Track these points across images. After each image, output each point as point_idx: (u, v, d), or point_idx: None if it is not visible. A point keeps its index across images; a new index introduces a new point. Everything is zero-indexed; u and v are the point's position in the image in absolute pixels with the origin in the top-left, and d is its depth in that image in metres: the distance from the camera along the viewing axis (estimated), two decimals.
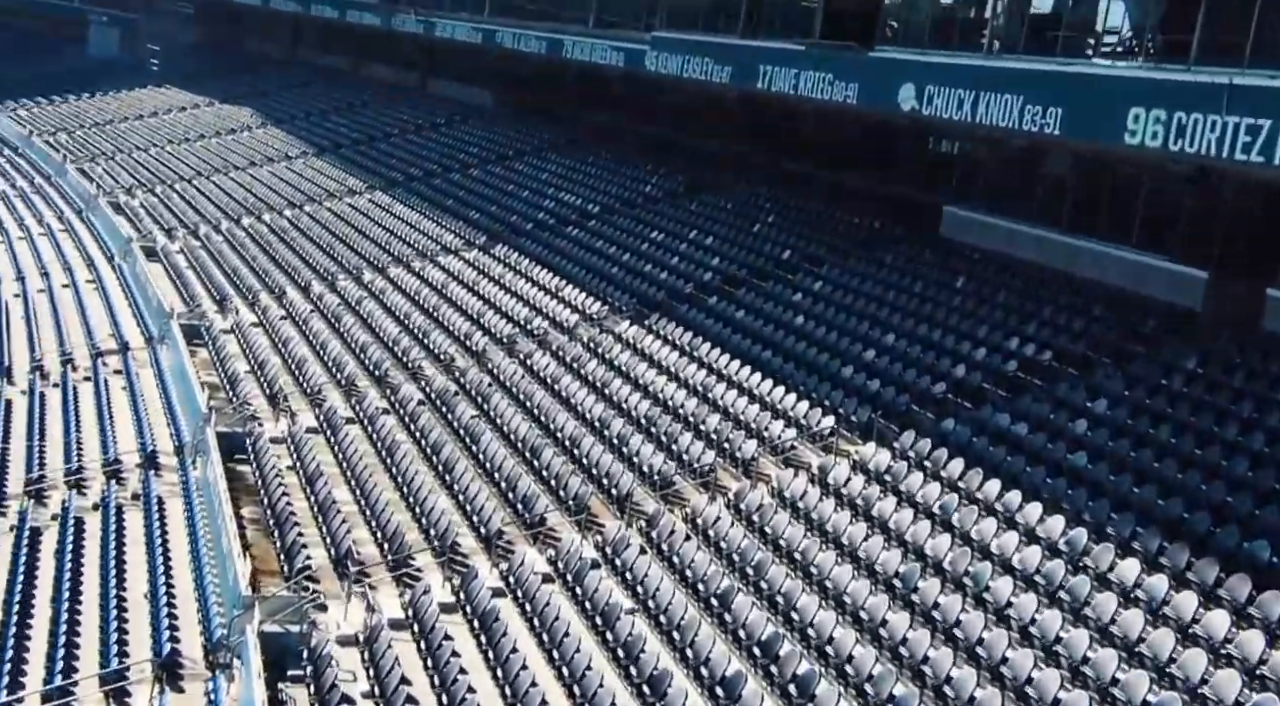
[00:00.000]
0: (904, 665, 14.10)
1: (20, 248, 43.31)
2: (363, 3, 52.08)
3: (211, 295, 34.31)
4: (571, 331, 27.18)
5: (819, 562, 16.43)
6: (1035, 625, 14.12)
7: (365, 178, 44.14)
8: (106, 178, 49.83)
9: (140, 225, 42.44)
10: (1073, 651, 13.53)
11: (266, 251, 37.82)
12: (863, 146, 30.88)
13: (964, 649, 14.10)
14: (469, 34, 43.46)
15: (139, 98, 65.39)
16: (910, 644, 14.23)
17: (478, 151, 44.47)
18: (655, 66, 30.99)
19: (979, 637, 14.09)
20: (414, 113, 51.98)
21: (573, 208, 36.01)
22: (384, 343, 28.61)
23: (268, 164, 49.06)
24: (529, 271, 31.38)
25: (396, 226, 37.84)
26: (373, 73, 58.92)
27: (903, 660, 14.15)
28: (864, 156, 31.03)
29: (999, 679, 13.49)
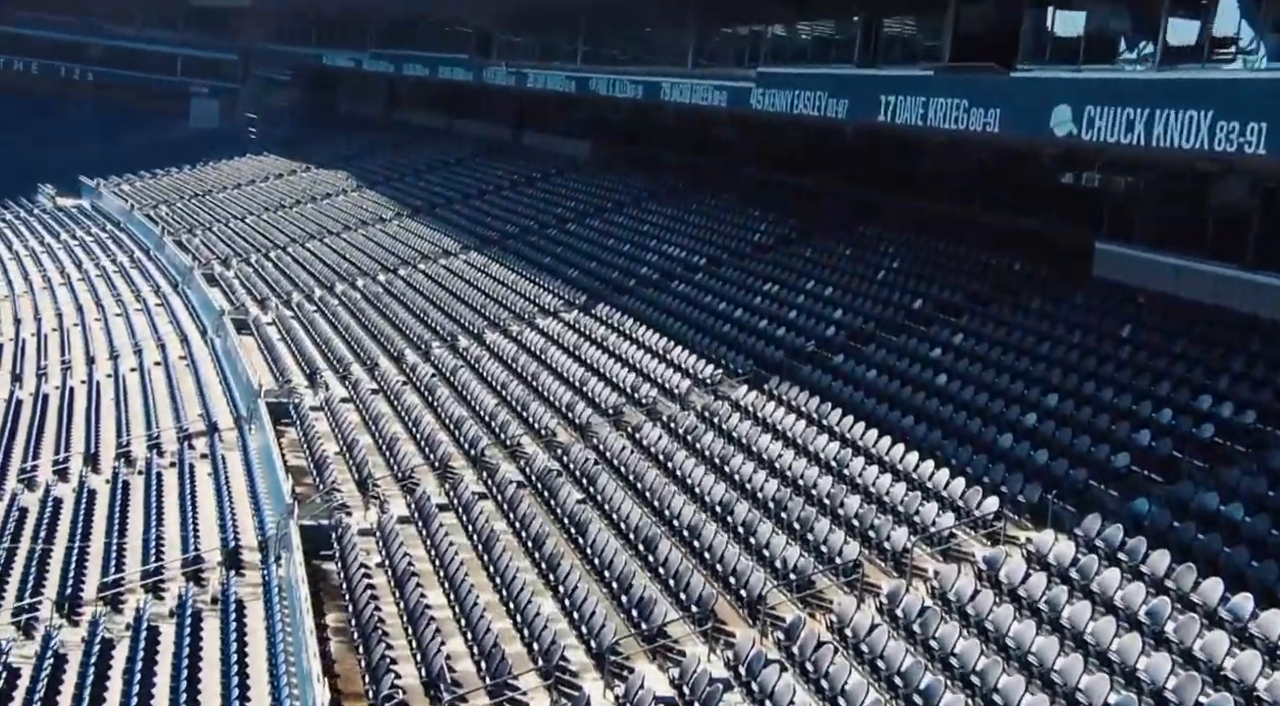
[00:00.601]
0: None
1: (116, 324, 42.02)
2: (453, 58, 50.38)
3: (302, 369, 32.24)
4: (683, 399, 24.37)
5: (1002, 686, 13.28)
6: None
7: (460, 237, 42.06)
8: (203, 249, 48.59)
9: (234, 296, 40.83)
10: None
11: (359, 319, 35.76)
12: (992, 180, 27.78)
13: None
14: (562, 83, 41.27)
15: (237, 167, 64.71)
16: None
17: (574, 205, 42.15)
18: (762, 104, 28.28)
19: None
20: (508, 168, 50.03)
21: (677, 261, 33.32)
22: (480, 417, 26.09)
23: (362, 227, 47.36)
24: (633, 332, 28.70)
25: (492, 288, 35.54)
26: (466, 129, 57.30)
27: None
28: (994, 191, 27.90)
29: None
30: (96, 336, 40.97)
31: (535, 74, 43.38)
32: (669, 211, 38.32)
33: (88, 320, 43.11)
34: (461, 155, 54.38)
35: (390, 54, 57.22)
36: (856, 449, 20.05)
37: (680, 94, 32.83)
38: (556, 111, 49.78)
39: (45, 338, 41.92)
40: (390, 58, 57.10)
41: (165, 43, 78.82)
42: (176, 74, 78.90)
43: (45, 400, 35.03)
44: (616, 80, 37.12)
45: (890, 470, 19.01)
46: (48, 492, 27.70)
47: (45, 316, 44.68)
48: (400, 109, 64.31)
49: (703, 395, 24.39)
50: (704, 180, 39.71)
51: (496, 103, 53.77)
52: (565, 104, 47.38)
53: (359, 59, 60.38)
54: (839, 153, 32.11)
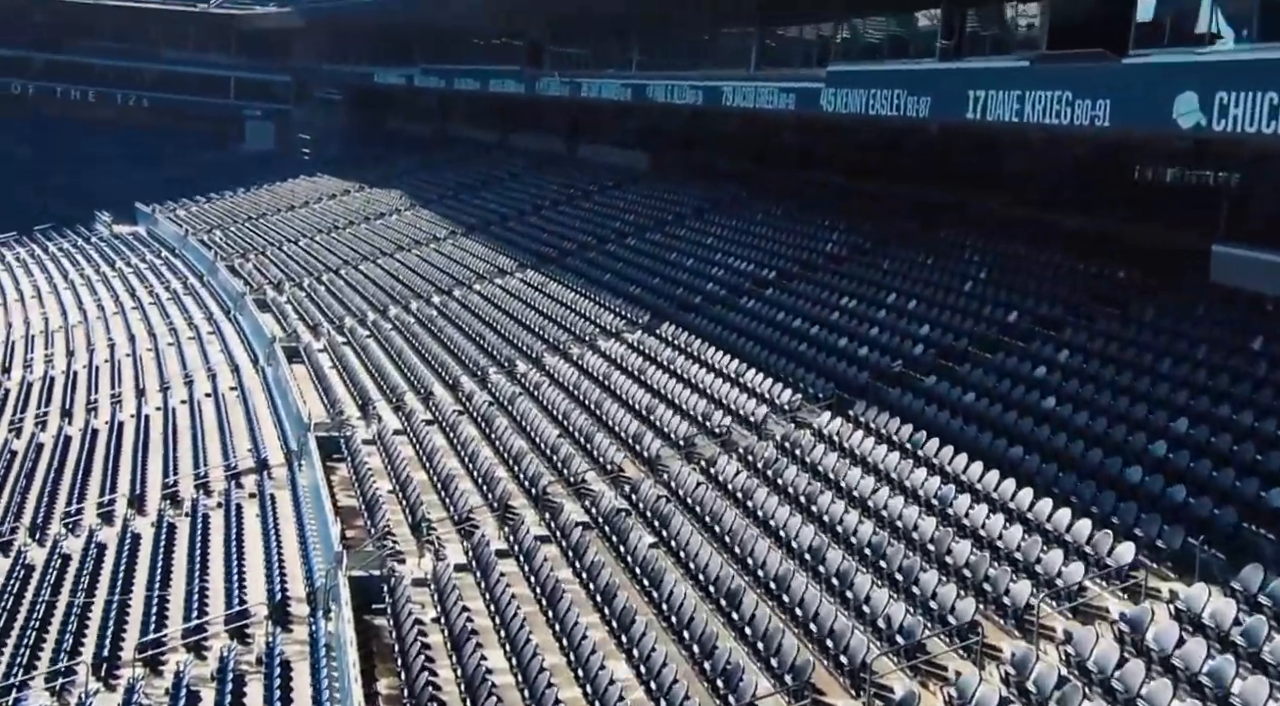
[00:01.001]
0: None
1: (168, 354, 40.67)
2: (505, 71, 48.69)
3: (354, 399, 30.49)
4: (760, 427, 22.25)
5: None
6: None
7: (516, 255, 40.25)
8: (255, 274, 47.23)
9: (285, 323, 39.29)
10: None
11: (413, 344, 34.00)
12: (1085, 180, 25.44)
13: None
14: (617, 91, 39.34)
15: (291, 189, 63.53)
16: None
17: (634, 218, 40.19)
18: (833, 106, 26.12)
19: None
20: (563, 181, 48.22)
21: (745, 275, 31.20)
22: (541, 450, 24.14)
23: (415, 247, 45.74)
24: (702, 354, 26.62)
25: (551, 308, 33.63)
26: (520, 143, 55.66)
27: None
28: (1088, 192, 25.56)
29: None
30: (147, 367, 39.63)
31: (589, 83, 41.50)
32: (733, 223, 36.23)
33: (139, 350, 41.83)
34: (515, 169, 52.69)
35: (440, 69, 55.70)
36: (960, 484, 17.83)
37: (743, 98, 30.75)
38: (611, 121, 47.94)
39: (96, 370, 40.68)
40: (440, 72, 55.58)
41: (218, 66, 78.06)
42: (230, 97, 78.07)
43: (94, 436, 33.65)
44: (674, 86, 35.12)
45: (1002, 509, 16.78)
46: (91, 538, 26.16)
47: (98, 347, 43.51)
48: (452, 125, 62.83)
49: (781, 423, 22.27)
50: (768, 188, 37.61)
51: (549, 114, 52.05)
52: (620, 113, 45.54)
53: (409, 75, 58.95)
54: (913, 155, 29.92)
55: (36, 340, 46.07)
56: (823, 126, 32.09)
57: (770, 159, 38.53)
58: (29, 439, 34.80)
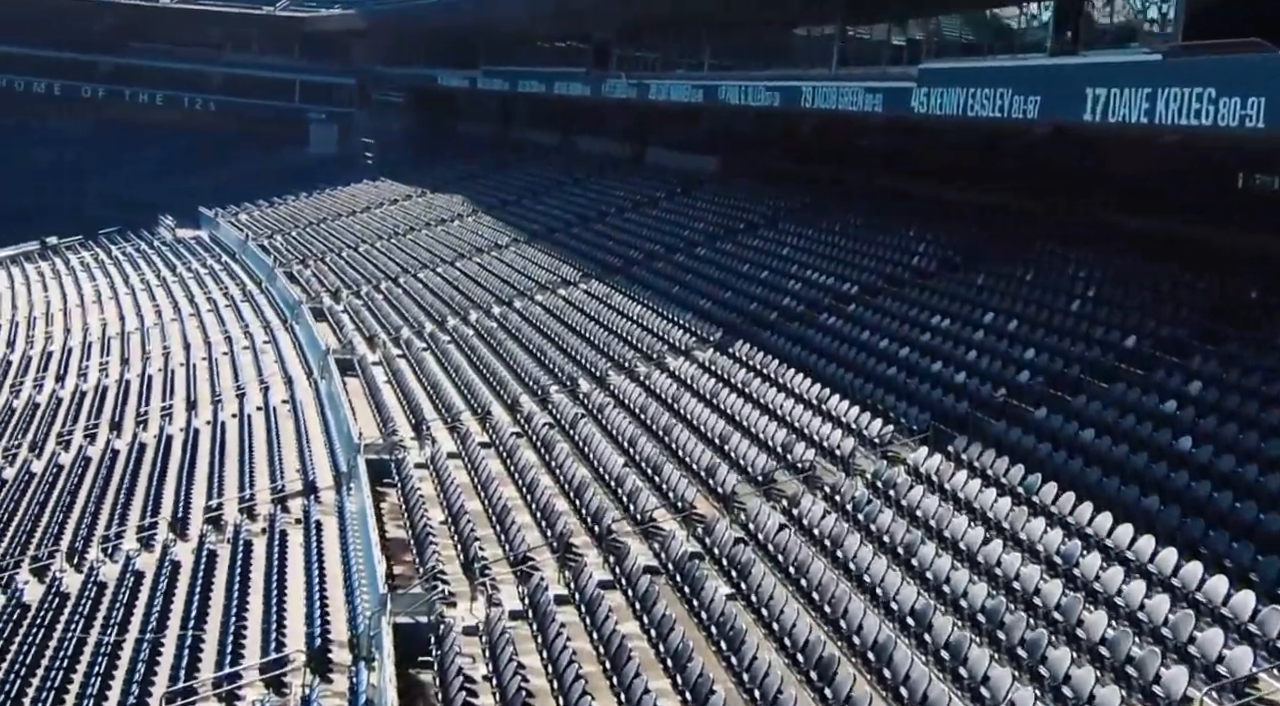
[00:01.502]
0: None
1: (222, 364, 39.17)
2: (569, 72, 46.75)
3: (408, 417, 28.59)
4: (847, 463, 19.95)
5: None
6: None
7: (579, 264, 38.22)
8: (313, 281, 45.67)
9: (341, 333, 37.56)
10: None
11: (471, 359, 32.06)
12: (1194, 188, 22.87)
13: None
14: (687, 93, 37.20)
15: (352, 193, 62.12)
16: None
17: (703, 226, 38.00)
18: (926, 107, 23.77)
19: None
20: (629, 187, 46.16)
21: (825, 289, 28.88)
22: (605, 481, 22.02)
23: (476, 255, 43.90)
24: (780, 376, 24.36)
25: (616, 322, 31.51)
26: (584, 147, 53.72)
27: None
28: (1208, 200, 22.99)
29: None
30: (200, 377, 38.13)
31: (657, 84, 39.41)
32: (809, 232, 33.93)
33: (193, 359, 40.39)
34: (580, 175, 50.74)
35: (504, 71, 53.92)
36: (1084, 538, 15.44)
37: (824, 99, 28.45)
38: (680, 124, 45.87)
39: (149, 379, 39.29)
40: (504, 75, 53.80)
41: (283, 69, 77.08)
42: (295, 100, 77.04)
43: (141, 451, 32.12)
44: (749, 87, 32.89)
45: (1139, 572, 14.37)
46: (129, 564, 24.49)
47: (153, 355, 42.17)
48: (515, 128, 61.09)
49: (871, 457, 19.98)
50: (846, 196, 35.30)
51: (615, 118, 50.04)
52: (689, 116, 43.44)
53: (472, 78, 57.26)
54: (1007, 159, 27.49)
55: (92, 348, 44.88)
56: (904, 129, 29.78)
57: (848, 164, 36.22)
58: (76, 452, 33.40)
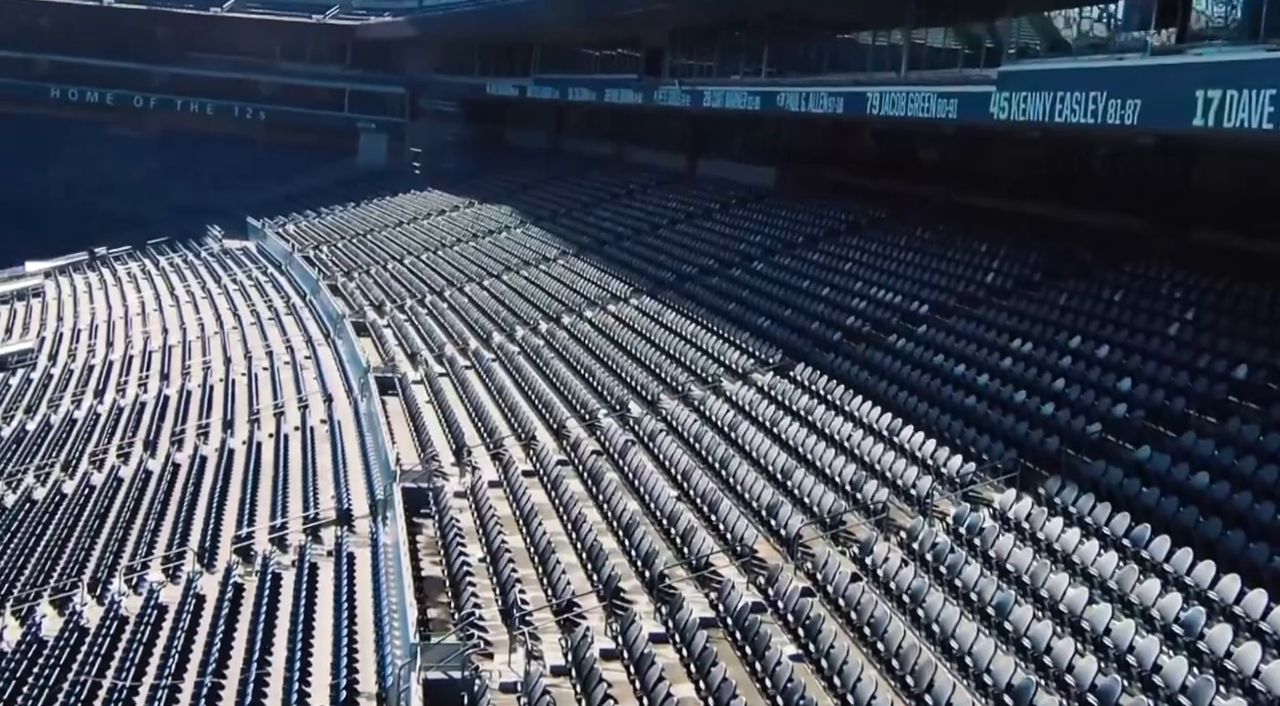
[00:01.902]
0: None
1: (262, 380, 37.83)
2: (621, 80, 45.09)
3: (449, 442, 26.95)
4: (924, 505, 18.03)
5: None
6: None
7: (630, 279, 36.48)
8: (357, 294, 44.31)
9: (383, 349, 36.06)
10: None
11: (516, 380, 30.40)
12: None
13: None
14: (744, 100, 35.37)
15: (401, 204, 60.91)
16: None
17: (760, 240, 36.13)
18: (1006, 112, 21.79)
19: None
20: (683, 199, 44.38)
21: (892, 308, 26.94)
22: (657, 519, 20.21)
23: (524, 268, 42.31)
24: (847, 404, 22.45)
25: (668, 341, 29.74)
26: (637, 157, 52.03)
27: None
28: None
29: None
30: (239, 394, 36.82)
31: (712, 92, 37.63)
32: (874, 247, 31.97)
33: (233, 374, 39.12)
34: (632, 185, 49.03)
35: (554, 79, 52.39)
36: (1207, 603, 13.42)
37: (893, 106, 26.52)
38: (736, 134, 44.06)
39: (188, 395, 38.05)
40: (554, 83, 52.26)
41: (333, 78, 76.18)
42: (344, 110, 76.11)
43: (174, 472, 30.80)
44: (810, 93, 30.99)
45: (1276, 646, 12.34)
46: (151, 597, 23.05)
47: (192, 370, 40.96)
48: (566, 138, 59.57)
49: (951, 499, 18.03)
50: (913, 210, 33.28)
51: (669, 127, 48.35)
52: (747, 125, 41.65)
53: (522, 86, 55.80)
54: (1092, 170, 25.45)
55: (133, 362, 43.80)
56: (974, 138, 27.83)
57: (912, 176, 34.24)
58: (109, 473, 32.13)
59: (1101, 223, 25.80)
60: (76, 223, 68.48)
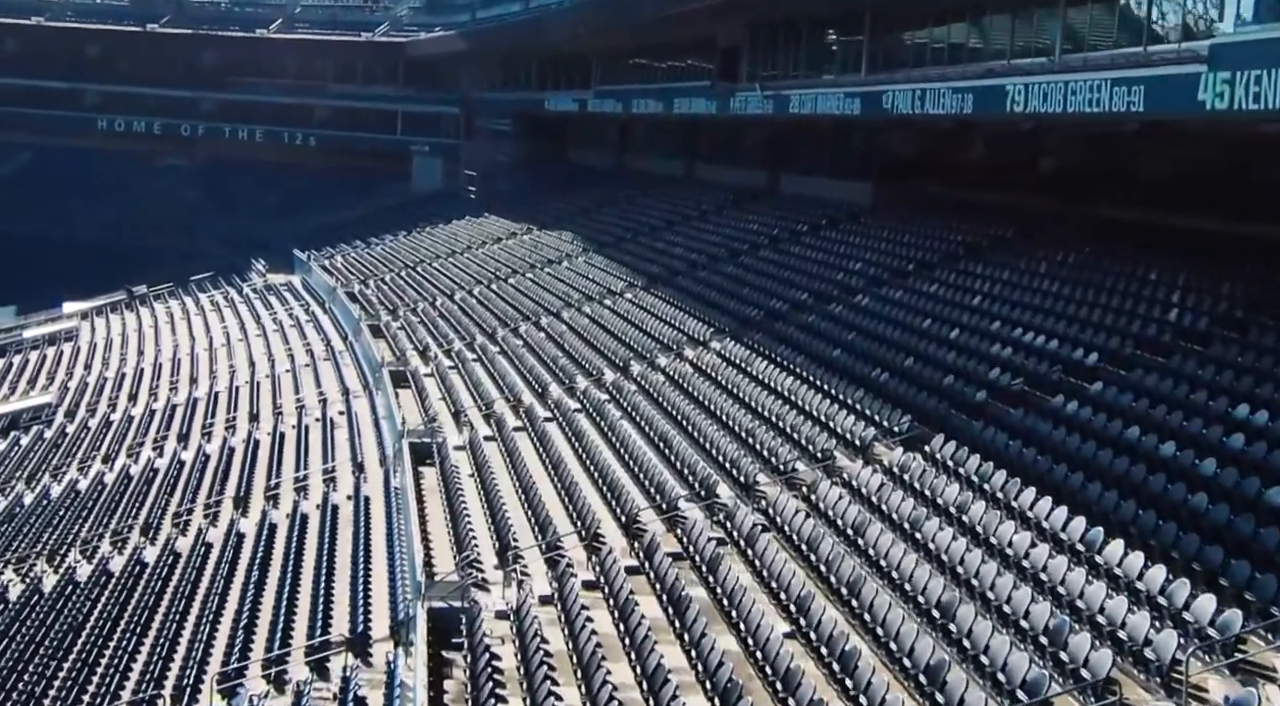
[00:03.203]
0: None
1: (288, 441, 32.94)
2: (692, 87, 39.77)
3: (494, 532, 21.59)
4: (1155, 672, 12.31)
5: None
6: None
7: (710, 317, 31.01)
8: (401, 336, 39.32)
9: (426, 405, 30.81)
10: None
11: (575, 448, 24.98)
12: None
13: None
14: (839, 104, 29.82)
15: (454, 231, 56.14)
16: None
17: (862, 268, 30.53)
18: (1227, 101, 16.01)
19: None
20: (765, 220, 38.92)
21: (1045, 355, 21.13)
22: (750, 653, 14.70)
23: (586, 303, 37.05)
24: (1010, 495, 16.72)
25: (759, 397, 24.13)
26: (710, 174, 46.67)
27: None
28: None
29: None
30: (261, 459, 31.97)
31: (800, 96, 32.13)
32: (1005, 275, 26.27)
33: (258, 434, 34.29)
34: (705, 206, 43.64)
35: (617, 90, 47.22)
36: None
37: (1044, 100, 20.78)
38: (824, 144, 38.52)
39: (204, 461, 33.34)
40: (617, 94, 47.10)
41: (384, 98, 71.92)
42: (397, 132, 71.77)
43: (174, 559, 26.04)
44: (927, 91, 25.37)
45: None
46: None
47: (214, 431, 36.30)
48: (631, 155, 54.41)
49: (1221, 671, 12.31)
50: (1046, 226, 27.56)
51: (746, 139, 42.97)
52: (837, 134, 36.09)
53: (583, 100, 50.74)
54: None
55: (153, 419, 39.28)
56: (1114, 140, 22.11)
57: (1037, 186, 28.55)
58: (130, 555, 27.44)
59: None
60: (120, 258, 65.26)
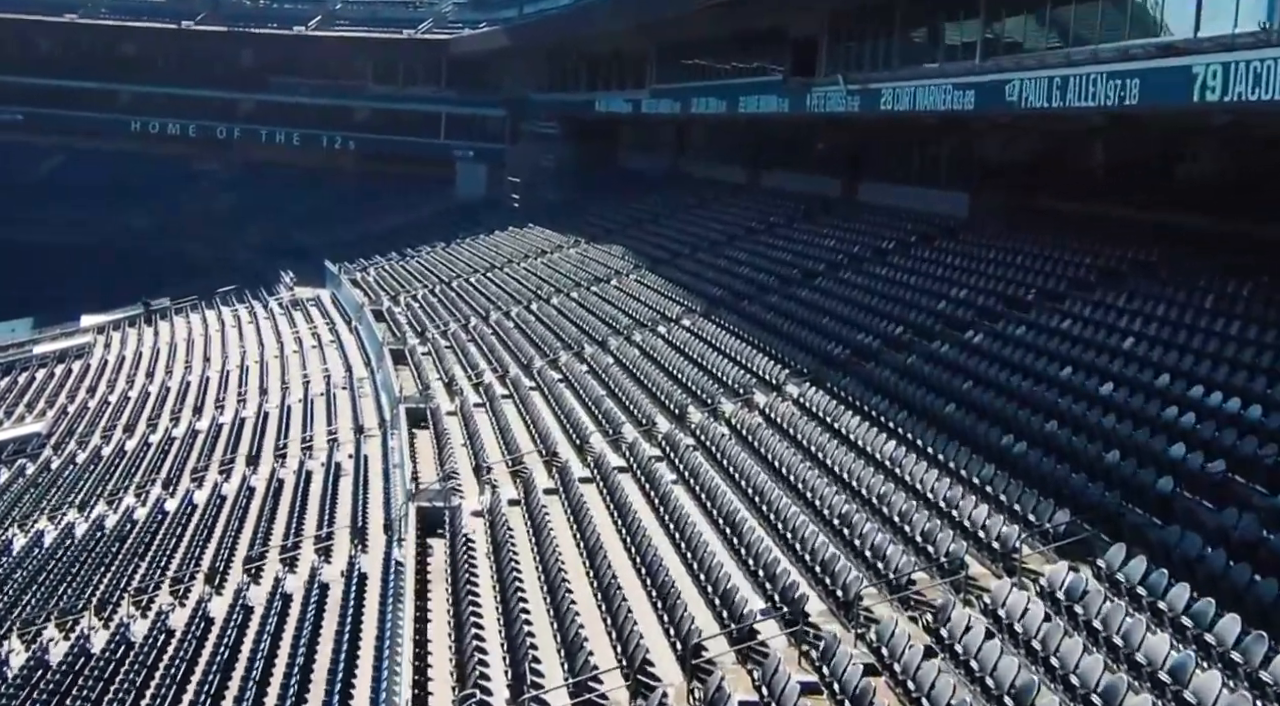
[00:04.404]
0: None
1: (282, 496, 28.29)
2: (761, 83, 34.74)
3: (508, 662, 16.65)
4: None
5: None
6: None
7: (782, 352, 25.90)
8: (426, 364, 34.61)
9: (444, 454, 25.99)
10: None
11: (619, 527, 19.90)
12: None
13: None
14: (944, 97, 24.67)
15: (496, 242, 51.55)
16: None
17: (968, 296, 25.33)
18: None
19: None
20: (843, 236, 33.83)
21: (1260, 432, 15.79)
22: None
23: (637, 330, 32.11)
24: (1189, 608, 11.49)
25: (841, 458, 18.96)
26: (777, 182, 41.61)
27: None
28: None
29: None
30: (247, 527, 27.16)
31: (895, 89, 26.99)
32: (1160, 311, 20.94)
33: (259, 486, 29.69)
34: (774, 218, 38.60)
35: (674, 89, 42.29)
36: None
37: (1261, 84, 15.50)
38: (911, 148, 33.39)
39: (190, 511, 28.82)
40: (675, 93, 42.17)
41: (427, 100, 67.65)
42: (440, 136, 67.45)
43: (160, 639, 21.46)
44: (1070, 78, 20.10)
45: None
46: None
47: (206, 478, 31.78)
48: (689, 160, 49.46)
49: None
50: (1202, 248, 22.26)
51: (820, 142, 37.89)
52: (926, 136, 30.97)
53: (636, 100, 45.88)
54: None
55: (145, 456, 34.89)
56: None
57: (1176, 199, 23.32)
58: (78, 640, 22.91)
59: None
60: (150, 267, 61.92)
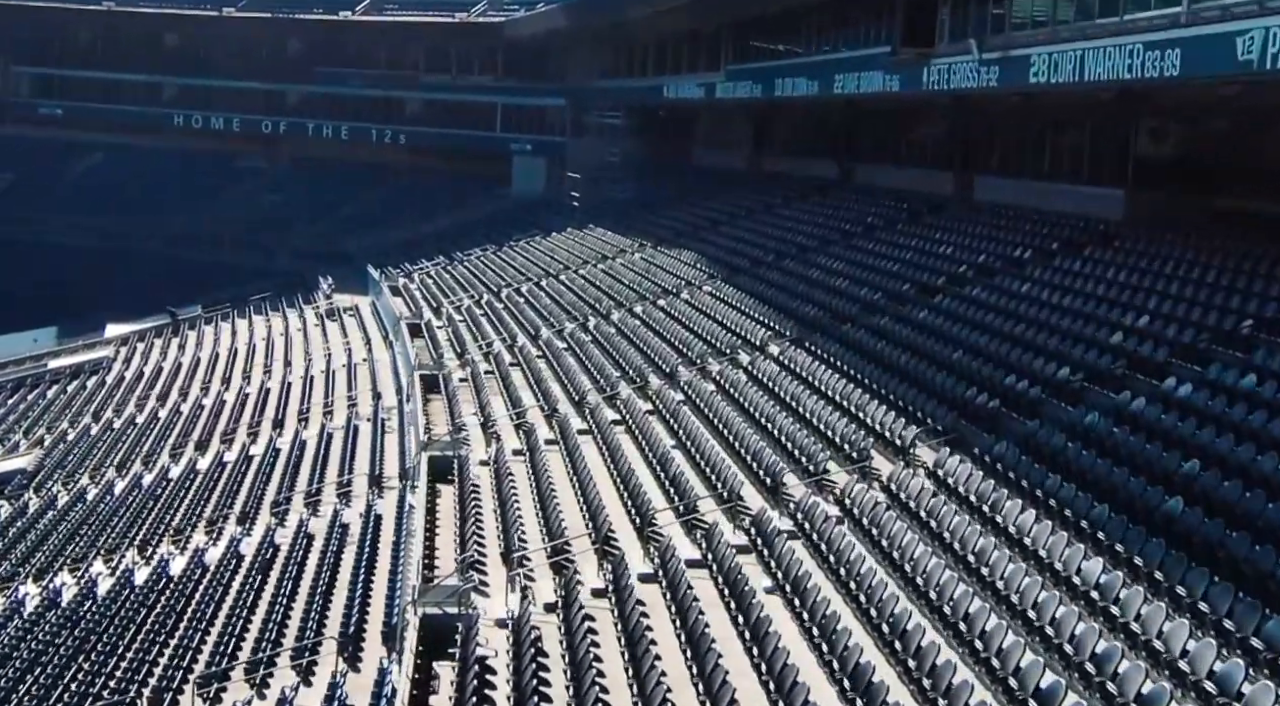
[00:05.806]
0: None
1: (278, 560, 23.41)
2: (863, 57, 29.21)
3: None
4: None
5: None
6: None
7: (905, 396, 20.32)
8: (460, 397, 29.44)
9: (467, 527, 20.75)
10: None
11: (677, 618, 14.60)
12: None
13: None
14: (1130, 63, 18.95)
15: (553, 246, 46.52)
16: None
17: (1146, 323, 19.55)
18: None
19: None
20: (963, 243, 28.13)
21: None
22: None
23: (713, 360, 26.71)
24: None
25: (947, 520, 13.45)
26: (876, 178, 35.95)
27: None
28: None
29: None
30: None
31: (1054, 54, 21.28)
32: None
33: (243, 548, 24.87)
34: (873, 219, 33.01)
35: (754, 69, 36.83)
36: None
37: None
38: (1043, 135, 27.66)
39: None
40: (755, 74, 36.71)
41: (481, 90, 62.88)
42: (496, 129, 62.66)
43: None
44: None
45: None
46: None
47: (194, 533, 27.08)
48: (771, 153, 43.96)
49: None
50: None
51: (934, 129, 32.24)
52: (1076, 117, 25.24)
53: (710, 84, 40.49)
54: None
55: (132, 498, 30.24)
56: None
57: None
58: None
59: None
60: (188, 272, 58.29)
